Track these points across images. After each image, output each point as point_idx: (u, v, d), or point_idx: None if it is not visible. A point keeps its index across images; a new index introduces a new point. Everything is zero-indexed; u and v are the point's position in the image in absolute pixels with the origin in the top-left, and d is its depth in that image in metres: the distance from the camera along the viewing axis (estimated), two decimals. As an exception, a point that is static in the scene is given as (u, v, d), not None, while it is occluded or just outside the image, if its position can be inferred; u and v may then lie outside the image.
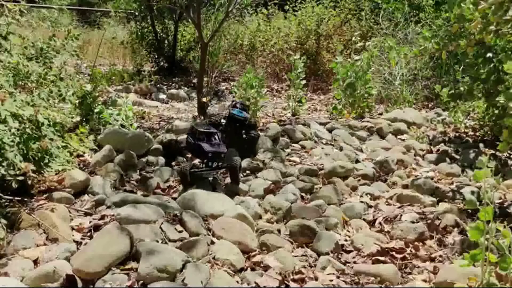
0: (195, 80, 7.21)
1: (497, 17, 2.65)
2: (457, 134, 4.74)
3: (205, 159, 3.24)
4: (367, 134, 4.69)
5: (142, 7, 7.93)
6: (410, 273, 2.33)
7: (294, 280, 2.18)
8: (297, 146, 4.23)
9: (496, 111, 4.09)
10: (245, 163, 3.62)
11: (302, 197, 3.20)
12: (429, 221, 2.79)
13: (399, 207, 3.06)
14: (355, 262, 2.43)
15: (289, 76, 5.56)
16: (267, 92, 6.73)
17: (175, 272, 2.09)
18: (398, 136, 4.72)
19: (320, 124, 4.74)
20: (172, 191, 3.21)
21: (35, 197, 2.66)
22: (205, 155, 3.22)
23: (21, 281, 1.99)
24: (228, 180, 3.34)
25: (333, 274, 2.26)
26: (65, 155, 3.10)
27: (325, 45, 7.79)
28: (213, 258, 2.27)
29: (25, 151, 2.59)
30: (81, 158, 3.42)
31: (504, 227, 1.66)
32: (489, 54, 3.80)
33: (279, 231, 2.66)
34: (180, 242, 2.42)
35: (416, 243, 2.57)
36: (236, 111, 3.89)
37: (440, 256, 2.47)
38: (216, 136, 3.36)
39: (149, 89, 6.82)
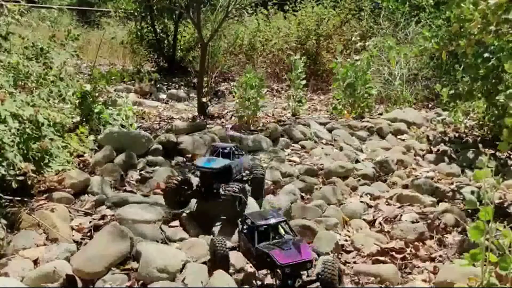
0: (195, 80, 7.21)
1: (497, 17, 2.64)
2: (457, 134, 4.74)
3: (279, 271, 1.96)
4: (367, 134, 4.68)
5: (142, 7, 7.92)
6: (410, 273, 2.33)
7: (294, 280, 2.18)
8: (297, 146, 4.23)
9: (496, 111, 4.09)
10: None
11: (302, 197, 3.20)
12: (429, 221, 2.79)
13: (399, 207, 3.06)
14: (355, 262, 2.43)
15: (289, 76, 5.56)
16: (267, 92, 6.73)
17: (175, 272, 2.09)
18: (398, 136, 4.72)
19: (320, 124, 4.74)
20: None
21: (35, 197, 2.66)
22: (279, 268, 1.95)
23: (21, 281, 2.00)
24: None
25: (333, 274, 2.26)
26: (65, 155, 3.10)
27: (325, 45, 7.79)
28: (213, 258, 2.27)
29: (25, 151, 2.59)
30: (81, 158, 3.41)
31: (504, 227, 1.66)
32: (486, 54, 3.80)
33: (279, 231, 2.66)
34: (180, 242, 2.43)
35: (416, 243, 2.58)
36: (202, 161, 2.68)
37: (440, 256, 2.47)
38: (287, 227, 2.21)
39: (149, 89, 6.82)
